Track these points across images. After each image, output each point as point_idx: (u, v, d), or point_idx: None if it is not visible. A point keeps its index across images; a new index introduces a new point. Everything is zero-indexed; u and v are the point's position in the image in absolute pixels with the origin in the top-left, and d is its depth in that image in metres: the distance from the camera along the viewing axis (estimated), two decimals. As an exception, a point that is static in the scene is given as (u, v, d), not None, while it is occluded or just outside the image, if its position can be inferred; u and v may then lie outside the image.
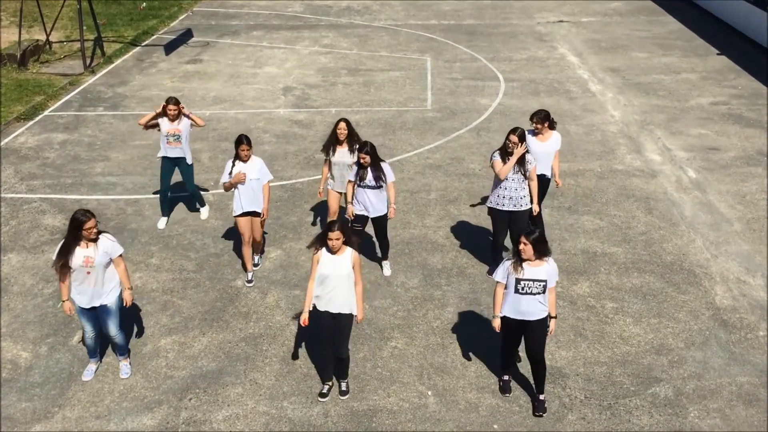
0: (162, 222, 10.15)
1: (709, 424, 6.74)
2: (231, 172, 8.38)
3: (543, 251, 6.44)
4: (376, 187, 8.39)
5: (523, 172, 8.30)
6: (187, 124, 9.71)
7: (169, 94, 15.19)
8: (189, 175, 9.95)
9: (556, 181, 9.22)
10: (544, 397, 6.89)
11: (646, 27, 20.72)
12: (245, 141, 8.38)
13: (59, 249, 6.74)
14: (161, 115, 9.57)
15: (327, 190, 9.15)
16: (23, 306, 8.42)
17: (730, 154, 12.39)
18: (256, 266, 8.98)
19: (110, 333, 7.10)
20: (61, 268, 6.74)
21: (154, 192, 10.98)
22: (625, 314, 8.27)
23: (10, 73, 16.22)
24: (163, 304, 8.47)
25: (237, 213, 8.52)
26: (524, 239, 6.39)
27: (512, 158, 8.18)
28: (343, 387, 7.10)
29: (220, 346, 7.76)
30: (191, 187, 10.07)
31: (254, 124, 13.64)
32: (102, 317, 7.02)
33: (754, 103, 14.67)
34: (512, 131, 8.24)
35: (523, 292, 6.48)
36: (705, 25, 20.59)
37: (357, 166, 8.37)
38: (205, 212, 10.38)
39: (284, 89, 15.64)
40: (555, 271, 6.58)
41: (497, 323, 6.72)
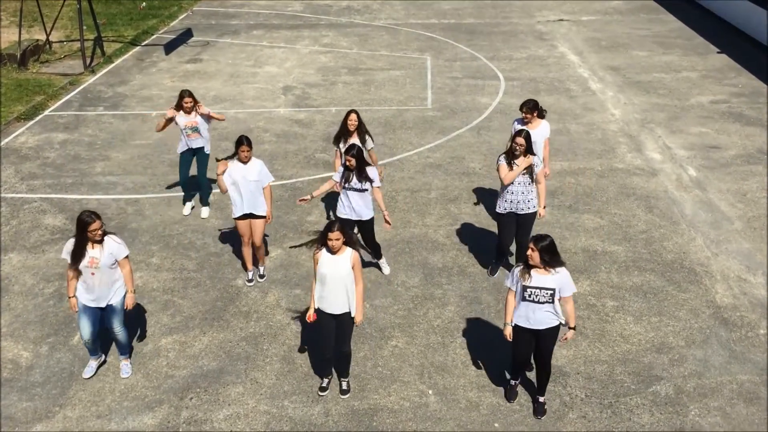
0: (187, 208, 10.41)
1: (710, 422, 6.75)
2: (229, 173, 8.35)
3: (551, 261, 6.23)
4: (361, 190, 8.24)
5: (530, 174, 8.22)
6: (203, 117, 9.91)
7: (169, 94, 15.24)
8: (204, 165, 10.18)
9: (546, 170, 9.30)
10: (544, 399, 6.88)
11: (646, 25, 20.71)
12: (246, 142, 8.30)
13: (73, 251, 6.72)
14: (177, 110, 9.79)
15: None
16: (24, 306, 8.42)
17: (730, 152, 12.39)
18: (262, 278, 8.86)
19: (114, 330, 7.11)
20: (71, 267, 6.78)
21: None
22: (625, 313, 8.28)
23: (10, 73, 16.22)
24: (164, 303, 8.47)
25: (236, 215, 8.50)
26: (532, 245, 6.22)
27: (517, 169, 8.14)
28: (344, 386, 7.10)
29: (221, 346, 7.76)
30: (202, 177, 10.22)
31: (254, 124, 13.64)
32: (107, 316, 7.04)
33: (754, 102, 14.66)
34: (518, 134, 8.14)
35: (530, 299, 6.33)
36: (705, 24, 20.58)
37: (343, 168, 8.26)
38: (205, 212, 10.39)
39: (284, 88, 15.64)
40: (568, 281, 6.34)
41: (508, 331, 6.56)
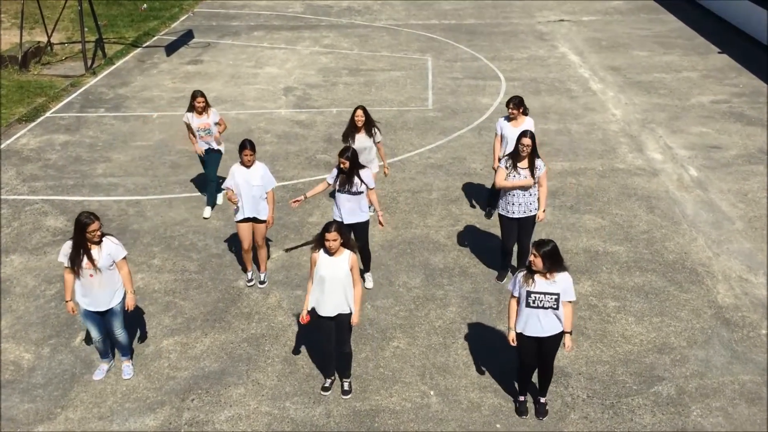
0: (207, 211, 10.49)
1: (712, 422, 6.74)
2: (235, 178, 8.33)
3: (554, 266, 6.19)
4: (355, 193, 8.13)
5: (532, 176, 8.17)
6: (215, 117, 10.09)
7: (170, 95, 15.26)
8: (215, 164, 10.33)
9: None
10: (545, 400, 6.87)
11: (646, 25, 20.71)
12: (249, 146, 8.22)
13: (72, 253, 6.72)
14: (189, 111, 9.99)
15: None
16: (25, 307, 8.43)
17: (731, 152, 12.38)
18: (263, 284, 8.83)
19: (115, 333, 7.13)
20: (68, 271, 6.77)
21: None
22: (627, 313, 8.27)
23: (11, 75, 16.24)
24: (166, 305, 8.48)
25: (238, 218, 8.48)
26: (535, 251, 6.15)
27: (516, 182, 8.13)
28: (346, 386, 7.10)
29: (223, 347, 7.77)
30: (213, 175, 10.33)
31: (255, 125, 13.65)
32: (108, 319, 7.05)
33: (755, 101, 14.66)
34: (523, 134, 8.09)
35: (534, 305, 6.26)
36: (706, 24, 20.57)
37: (337, 171, 8.14)
38: (207, 212, 10.41)
39: (285, 89, 15.65)
40: (569, 287, 6.30)
41: (512, 336, 6.51)
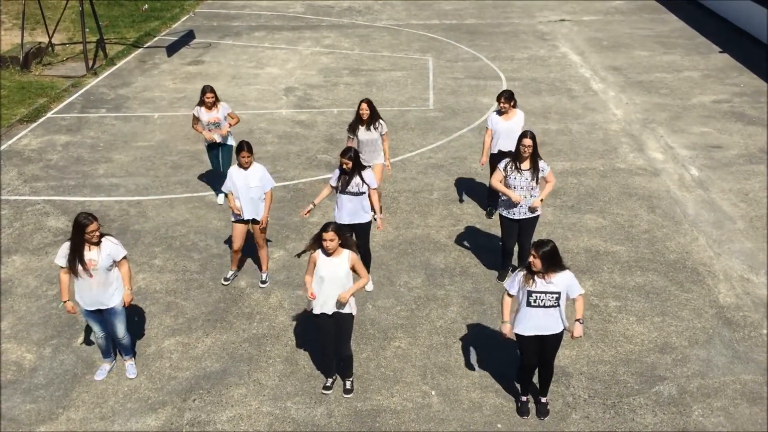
0: (220, 197, 10.77)
1: (713, 422, 6.74)
2: (233, 180, 8.35)
3: (553, 266, 6.21)
4: (357, 194, 8.12)
5: (535, 179, 8.13)
6: (224, 111, 10.21)
7: (171, 96, 15.27)
8: (227, 158, 10.44)
9: None
10: (546, 400, 6.87)
11: (647, 25, 20.70)
12: (246, 147, 8.23)
13: (70, 254, 6.71)
14: (199, 106, 10.15)
15: None
16: (27, 308, 8.43)
17: (732, 151, 12.38)
18: (264, 284, 8.83)
19: (118, 334, 7.13)
20: (64, 271, 6.78)
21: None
22: (628, 313, 8.27)
23: (12, 76, 16.25)
24: (167, 305, 8.48)
25: (235, 219, 8.49)
26: (534, 252, 6.16)
27: (510, 195, 8.14)
28: (348, 385, 7.11)
29: (224, 347, 7.77)
30: (227, 168, 10.34)
31: (256, 125, 13.66)
32: (109, 320, 7.05)
33: (756, 101, 14.65)
34: (523, 135, 8.07)
35: (535, 304, 6.27)
36: (707, 23, 20.56)
37: (339, 171, 8.13)
38: (221, 198, 10.74)
39: (286, 90, 15.65)
40: (574, 283, 6.32)
41: (507, 328, 6.51)
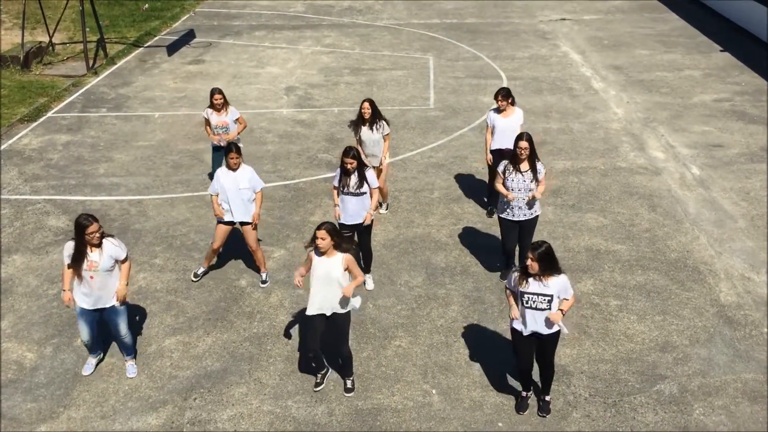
0: None
1: (714, 421, 6.73)
2: (220, 181, 8.36)
3: (549, 268, 6.22)
4: (359, 194, 8.11)
5: (534, 180, 8.09)
6: (233, 116, 10.19)
7: (172, 95, 15.27)
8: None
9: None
10: (548, 398, 6.87)
11: (648, 24, 20.69)
12: (234, 149, 8.24)
13: (73, 255, 6.70)
14: (209, 108, 10.13)
15: None
16: (28, 307, 8.43)
17: (733, 150, 12.37)
18: (264, 283, 8.81)
19: (120, 334, 7.13)
20: (72, 270, 6.79)
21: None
22: (629, 312, 8.26)
23: (13, 75, 16.26)
24: (167, 304, 8.48)
25: (221, 219, 8.47)
26: (531, 255, 6.17)
27: (503, 192, 8.17)
28: (348, 384, 7.10)
29: (225, 346, 7.77)
30: None
31: (257, 124, 13.65)
32: (110, 319, 7.04)
33: (757, 100, 14.64)
34: (519, 137, 8.05)
35: (528, 305, 6.32)
36: (708, 22, 20.55)
37: (341, 172, 8.11)
38: None
39: (287, 89, 15.65)
40: (567, 286, 6.33)
41: (515, 311, 6.44)
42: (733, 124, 13.46)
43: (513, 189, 8.14)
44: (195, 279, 8.85)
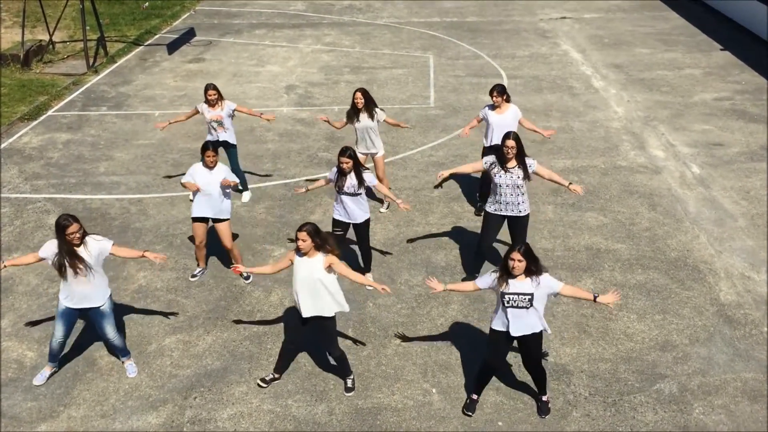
0: (245, 196, 10.79)
1: (714, 420, 6.74)
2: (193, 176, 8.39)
3: (534, 266, 6.23)
4: (355, 194, 8.10)
5: (525, 176, 8.01)
6: (228, 110, 10.14)
7: (172, 94, 15.27)
8: (234, 157, 10.42)
9: (548, 131, 9.85)
10: (547, 398, 6.86)
11: (649, 23, 20.68)
12: (211, 147, 8.33)
13: (58, 257, 6.63)
14: (204, 104, 10.11)
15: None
16: (28, 306, 8.44)
17: (734, 149, 12.36)
18: (247, 279, 8.84)
19: (108, 336, 7.10)
20: (58, 269, 6.73)
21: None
22: (629, 311, 8.27)
23: (13, 74, 16.26)
24: (168, 303, 8.49)
25: (194, 215, 8.51)
26: (518, 255, 6.16)
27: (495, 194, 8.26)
28: (349, 384, 7.11)
29: (225, 345, 7.77)
30: (236, 168, 10.43)
31: (257, 123, 13.65)
32: (97, 321, 7.00)
33: (757, 99, 14.63)
34: (506, 136, 7.97)
35: (509, 305, 6.32)
36: (708, 21, 20.54)
37: (337, 172, 8.09)
38: (246, 196, 10.71)
39: (287, 87, 15.65)
40: (552, 282, 6.32)
41: (438, 285, 6.63)
42: (734, 123, 13.45)
43: (501, 185, 8.07)
44: (193, 279, 8.88)
